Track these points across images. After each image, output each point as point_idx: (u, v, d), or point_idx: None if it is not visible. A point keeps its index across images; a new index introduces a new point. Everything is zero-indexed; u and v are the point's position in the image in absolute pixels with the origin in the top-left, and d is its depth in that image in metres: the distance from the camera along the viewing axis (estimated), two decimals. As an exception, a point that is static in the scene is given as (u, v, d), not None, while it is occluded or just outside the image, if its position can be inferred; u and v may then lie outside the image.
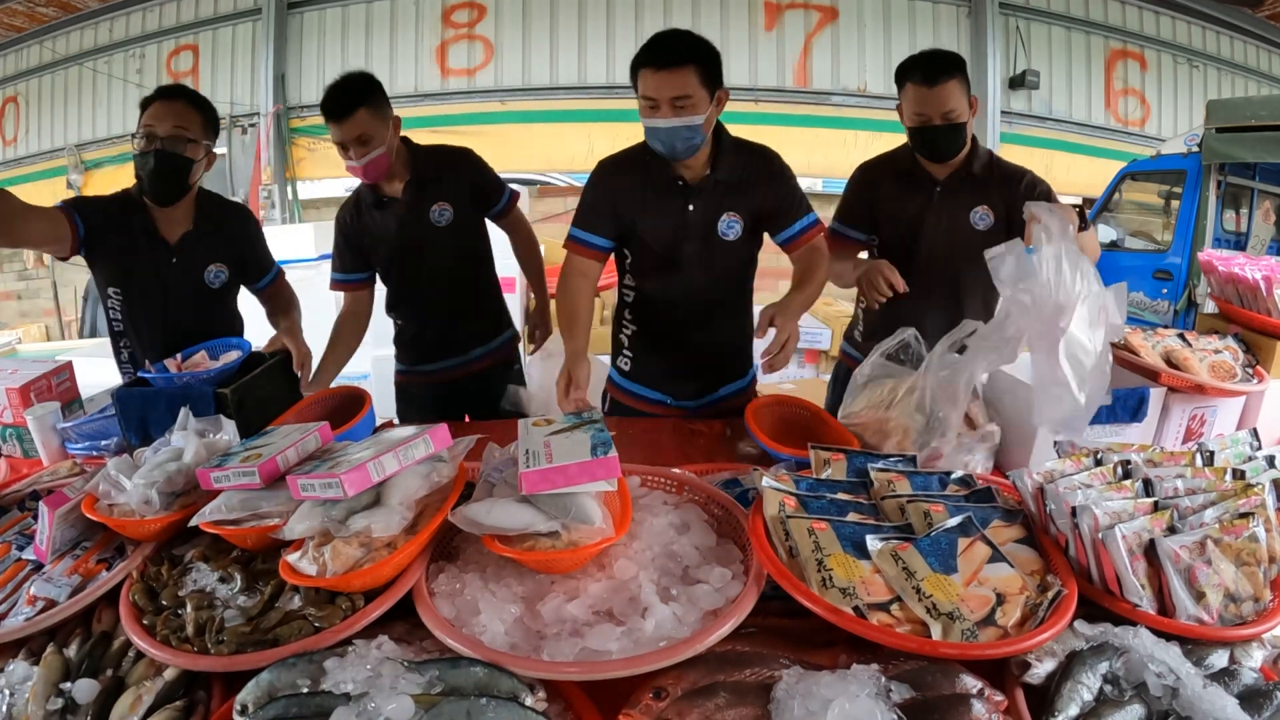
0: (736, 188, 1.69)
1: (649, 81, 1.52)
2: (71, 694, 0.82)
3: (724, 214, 1.69)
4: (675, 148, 1.57)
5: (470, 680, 0.77)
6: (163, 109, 1.60)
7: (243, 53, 5.77)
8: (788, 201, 1.73)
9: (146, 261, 1.65)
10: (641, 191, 1.69)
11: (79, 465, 1.40)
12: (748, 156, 1.71)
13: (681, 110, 1.52)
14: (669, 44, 1.53)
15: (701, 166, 1.67)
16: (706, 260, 1.71)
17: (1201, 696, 0.75)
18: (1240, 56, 6.01)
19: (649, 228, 1.72)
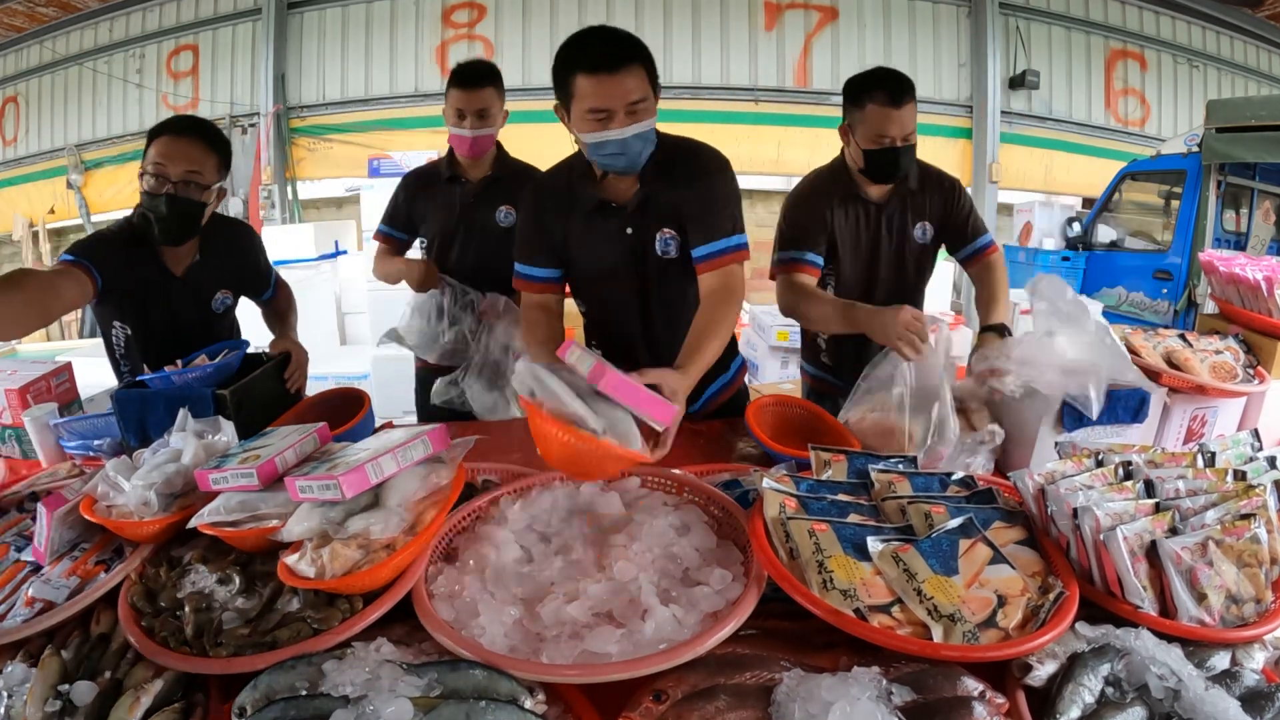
0: (667, 196, 1.48)
1: (598, 89, 1.30)
2: (69, 696, 0.82)
3: (659, 230, 1.50)
4: (636, 161, 1.39)
5: (469, 683, 0.77)
6: (174, 148, 1.51)
7: (243, 53, 5.77)
8: (708, 208, 1.47)
9: (156, 295, 1.61)
10: (572, 219, 1.52)
11: (78, 467, 1.40)
12: (678, 159, 1.49)
13: (636, 116, 1.32)
14: (612, 43, 1.33)
15: (629, 184, 1.48)
16: (651, 284, 1.55)
17: (1203, 698, 0.75)
18: (1240, 56, 6.01)
19: (586, 258, 1.56)
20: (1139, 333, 1.58)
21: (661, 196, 1.49)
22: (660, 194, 1.48)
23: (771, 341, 4.06)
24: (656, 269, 1.54)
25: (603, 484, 1.15)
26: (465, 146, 1.92)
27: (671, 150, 1.49)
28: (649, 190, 1.48)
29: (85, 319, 5.59)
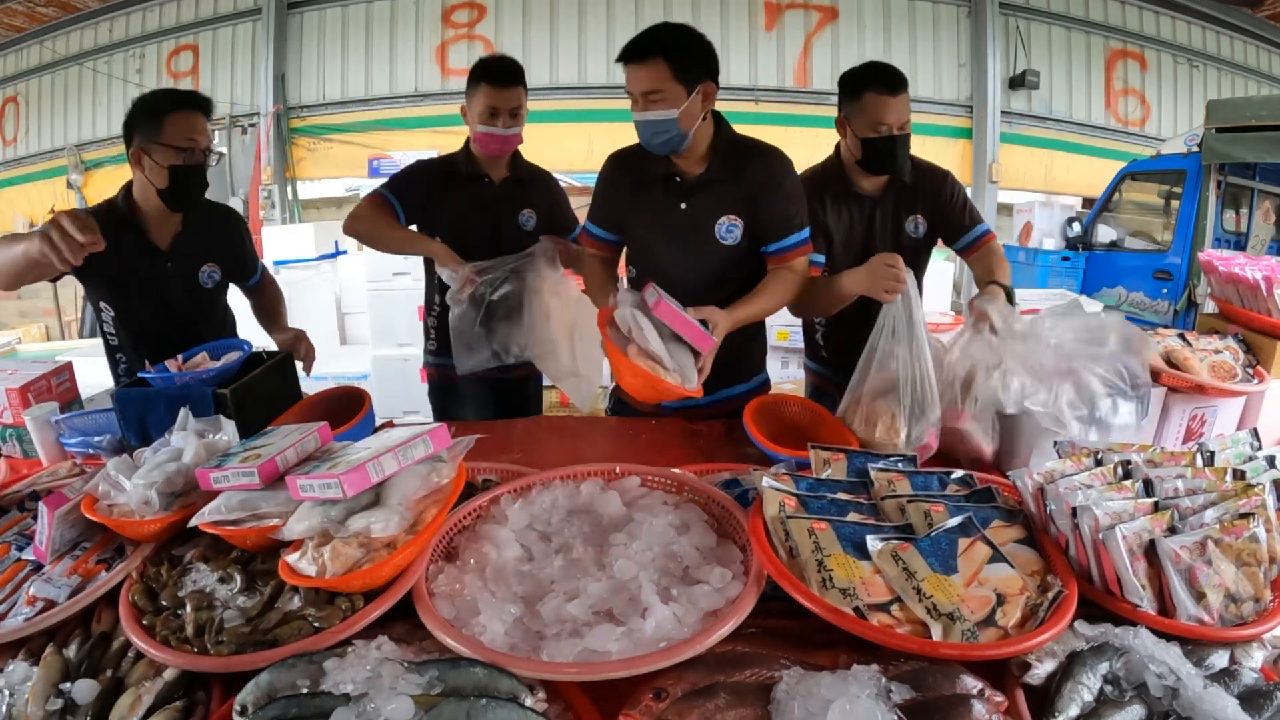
0: (734, 189, 1.62)
1: (626, 76, 1.52)
2: (71, 694, 0.82)
3: (723, 216, 1.63)
4: (653, 143, 1.56)
5: (470, 681, 0.77)
6: (193, 121, 1.60)
7: (243, 53, 5.77)
8: (785, 211, 1.64)
9: (142, 268, 1.64)
10: (635, 186, 1.68)
11: (78, 466, 1.40)
12: (750, 157, 1.65)
13: (653, 104, 1.50)
14: (641, 38, 1.51)
15: (696, 164, 1.63)
16: (701, 261, 1.67)
17: (1202, 697, 0.75)
18: (1240, 56, 6.02)
19: (639, 223, 1.71)
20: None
21: (728, 185, 1.62)
22: (727, 182, 1.62)
23: (772, 341, 4.06)
24: (711, 249, 1.65)
25: (603, 483, 1.16)
26: (496, 145, 1.89)
27: (746, 148, 1.66)
28: (713, 175, 1.62)
29: (85, 319, 5.59)
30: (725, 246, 1.65)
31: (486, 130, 1.87)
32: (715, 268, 1.67)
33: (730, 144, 1.64)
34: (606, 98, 5.38)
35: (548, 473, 1.19)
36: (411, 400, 4.00)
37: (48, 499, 1.05)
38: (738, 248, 1.66)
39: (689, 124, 1.53)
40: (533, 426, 1.73)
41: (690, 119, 1.53)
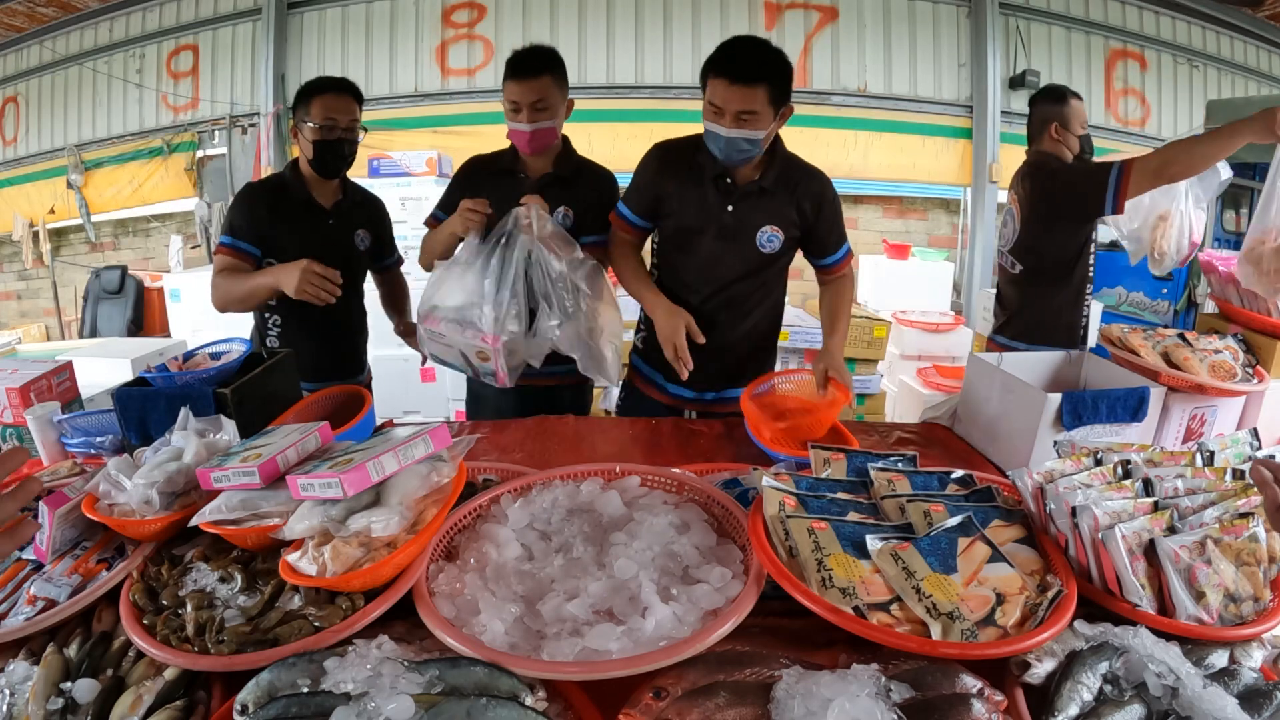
0: (782, 201, 1.69)
1: (718, 89, 1.52)
2: (72, 694, 0.82)
3: (766, 226, 1.70)
4: (731, 157, 1.59)
5: (470, 680, 0.77)
6: (339, 102, 1.85)
7: (243, 53, 5.76)
8: (833, 229, 1.76)
9: (307, 221, 1.91)
10: (684, 179, 1.70)
11: (79, 465, 1.40)
12: (800, 175, 1.72)
13: (744, 124, 1.52)
14: (748, 57, 1.51)
15: (751, 171, 1.67)
16: (735, 263, 1.72)
17: (1201, 696, 0.75)
18: (1240, 56, 6.01)
19: (682, 216, 1.73)
20: (1138, 332, 1.59)
21: (778, 197, 1.69)
22: (778, 194, 1.69)
23: (771, 341, 4.05)
24: (748, 255, 1.72)
25: (603, 483, 1.16)
26: (524, 141, 1.82)
27: (799, 167, 1.73)
28: (765, 186, 1.68)
29: (85, 320, 5.59)
30: (762, 254, 1.72)
31: (512, 126, 1.82)
32: (747, 271, 1.74)
33: (784, 160, 1.71)
34: (606, 98, 5.38)
35: (548, 472, 1.20)
36: (411, 400, 4.01)
37: (48, 498, 1.05)
38: (773, 256, 1.74)
39: (767, 144, 1.60)
40: (533, 426, 1.73)
41: (769, 140, 1.61)
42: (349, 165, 1.93)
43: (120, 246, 6.44)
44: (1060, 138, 2.19)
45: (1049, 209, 2.14)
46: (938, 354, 4.50)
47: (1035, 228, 2.18)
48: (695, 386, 1.82)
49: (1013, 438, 1.48)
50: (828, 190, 1.74)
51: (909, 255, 5.42)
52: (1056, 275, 2.20)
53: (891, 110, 5.53)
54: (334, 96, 1.85)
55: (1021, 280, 2.27)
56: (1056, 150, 2.20)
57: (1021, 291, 2.29)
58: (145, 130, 5.88)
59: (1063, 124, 2.18)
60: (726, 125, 1.53)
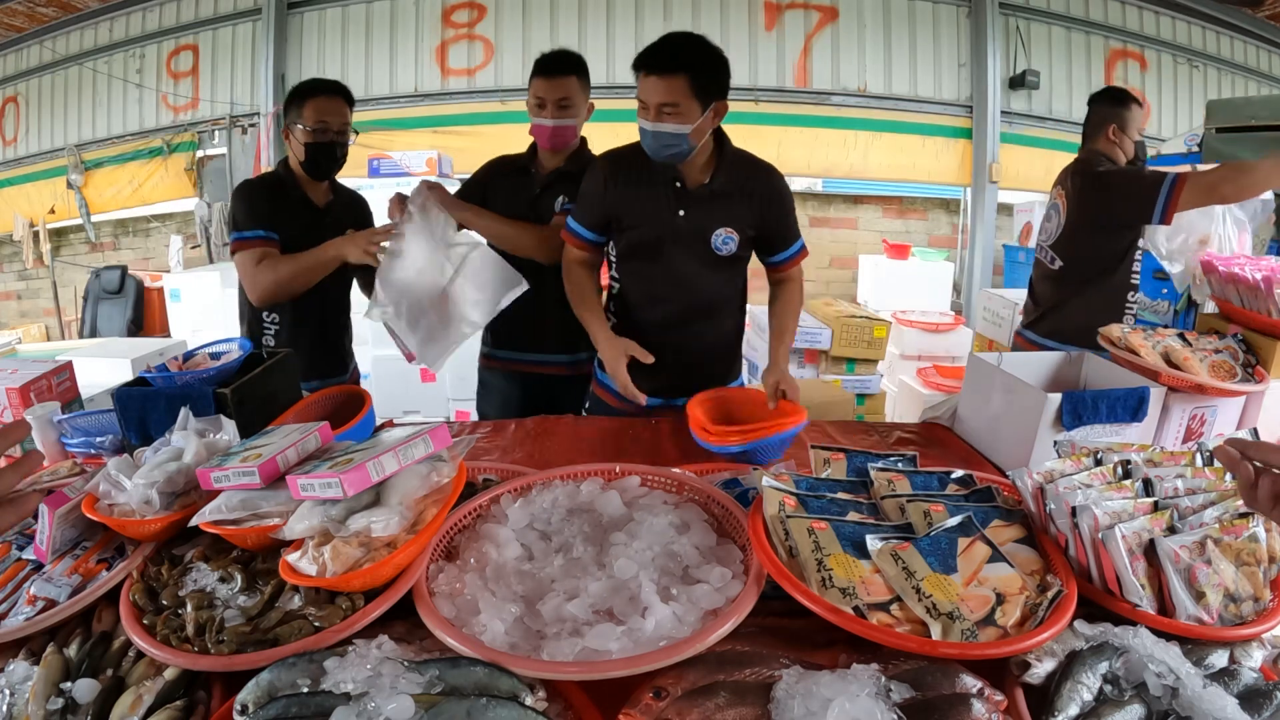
0: (734, 201, 1.66)
1: (642, 84, 1.52)
2: (72, 694, 0.82)
3: (719, 228, 1.67)
4: (659, 153, 1.56)
5: (470, 680, 0.77)
6: (331, 105, 1.89)
7: (243, 53, 5.76)
8: (784, 224, 1.73)
9: (303, 219, 1.93)
10: (634, 188, 1.68)
11: (79, 465, 1.40)
12: (751, 172, 1.69)
13: (667, 117, 1.50)
14: (666, 49, 1.51)
15: (699, 173, 1.65)
16: (693, 268, 1.69)
17: (1201, 696, 0.75)
18: (1240, 56, 6.01)
19: (635, 226, 1.71)
20: (1138, 332, 1.59)
21: (730, 198, 1.66)
22: (729, 195, 1.66)
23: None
24: (704, 258, 1.69)
25: (603, 483, 1.16)
26: (545, 136, 1.89)
27: (748, 163, 1.70)
28: (716, 187, 1.65)
29: (85, 320, 5.59)
30: (718, 257, 1.69)
31: (536, 121, 1.88)
32: (705, 275, 1.71)
33: (734, 158, 1.67)
34: (606, 98, 5.36)
35: (548, 472, 1.20)
36: (411, 400, 4.01)
37: (48, 498, 1.04)
38: (730, 258, 1.70)
39: (698, 139, 1.56)
40: (533, 427, 1.73)
41: (700, 135, 1.56)
42: (340, 167, 1.96)
43: (120, 246, 6.45)
44: (1117, 140, 2.19)
45: (1098, 209, 2.13)
46: (938, 354, 4.50)
47: (1081, 226, 2.18)
48: (664, 394, 1.79)
49: (1013, 438, 1.48)
50: (779, 185, 1.71)
51: (909, 255, 5.42)
52: (1096, 275, 2.19)
53: (891, 110, 5.53)
54: (326, 99, 1.88)
55: (1059, 277, 2.26)
56: (1111, 152, 2.20)
57: (1057, 289, 2.28)
58: (145, 130, 5.88)
59: (1121, 127, 2.19)
60: (651, 119, 1.51)
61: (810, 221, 5.99)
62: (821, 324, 4.08)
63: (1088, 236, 2.18)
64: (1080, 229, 2.19)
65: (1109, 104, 2.24)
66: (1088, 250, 2.19)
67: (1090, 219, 2.16)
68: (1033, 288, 2.43)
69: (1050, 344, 2.24)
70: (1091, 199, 2.15)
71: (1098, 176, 2.15)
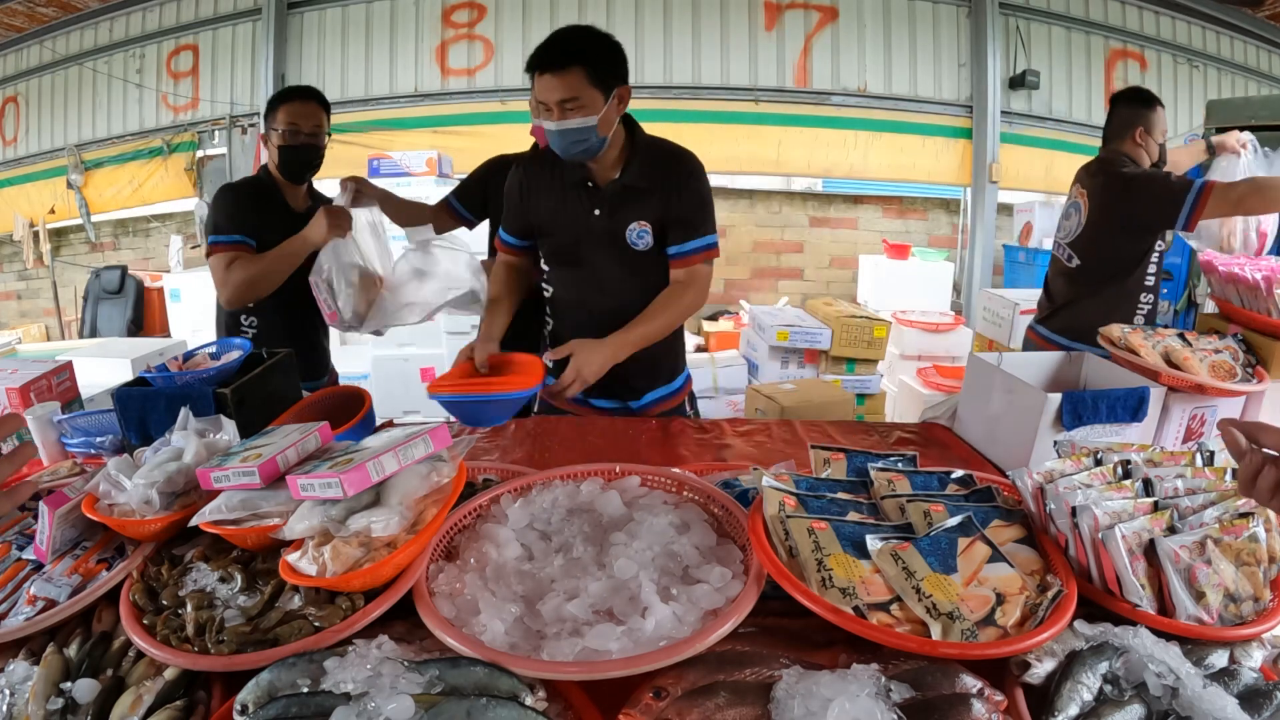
0: (646, 193, 1.61)
1: (538, 85, 1.49)
2: (72, 694, 0.82)
3: (633, 222, 1.62)
4: (570, 151, 1.53)
5: (470, 680, 0.77)
6: (303, 109, 1.95)
7: (243, 53, 5.76)
8: (691, 213, 1.63)
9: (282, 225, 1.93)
10: (549, 192, 1.66)
11: (79, 465, 1.40)
12: (662, 159, 1.62)
13: (570, 112, 1.47)
14: (557, 45, 1.48)
15: (609, 169, 1.61)
16: (614, 268, 1.66)
17: (1201, 696, 0.75)
18: (1240, 56, 6.01)
19: (553, 228, 1.69)
20: (1138, 332, 1.59)
21: (640, 191, 1.60)
22: (639, 188, 1.60)
23: (772, 341, 4.06)
24: (623, 256, 1.64)
25: (603, 483, 1.16)
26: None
27: (660, 151, 1.63)
28: (628, 181, 1.60)
29: (85, 320, 5.59)
30: (636, 251, 1.64)
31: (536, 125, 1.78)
32: (630, 274, 1.67)
33: (644, 148, 1.62)
34: (606, 98, 5.39)
35: (548, 472, 1.20)
36: (411, 400, 4.01)
37: (48, 498, 1.04)
38: (650, 253, 1.65)
39: (607, 130, 1.53)
40: (533, 426, 1.73)
41: (608, 125, 1.52)
42: (314, 171, 2.03)
43: (120, 246, 6.45)
44: (1142, 142, 2.18)
45: (1121, 211, 2.13)
46: (938, 354, 4.50)
47: (1103, 227, 2.17)
48: (620, 396, 1.78)
49: (1013, 438, 1.48)
50: (690, 171, 1.63)
51: (909, 255, 5.42)
52: (1113, 276, 2.19)
53: (891, 110, 5.53)
54: (299, 104, 1.95)
55: (1075, 275, 2.27)
56: (1135, 154, 2.19)
57: (1073, 287, 2.29)
58: (145, 130, 5.88)
59: (1148, 129, 2.17)
60: (555, 119, 1.48)
61: (810, 221, 5.99)
62: (821, 324, 4.09)
63: (1109, 237, 2.18)
64: (1102, 230, 2.18)
65: (1135, 105, 2.22)
66: (1108, 251, 2.19)
67: (1113, 220, 2.15)
68: (1047, 284, 2.43)
69: (1062, 341, 2.25)
70: (1116, 200, 2.14)
71: (1123, 178, 2.14)
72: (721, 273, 5.96)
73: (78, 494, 1.08)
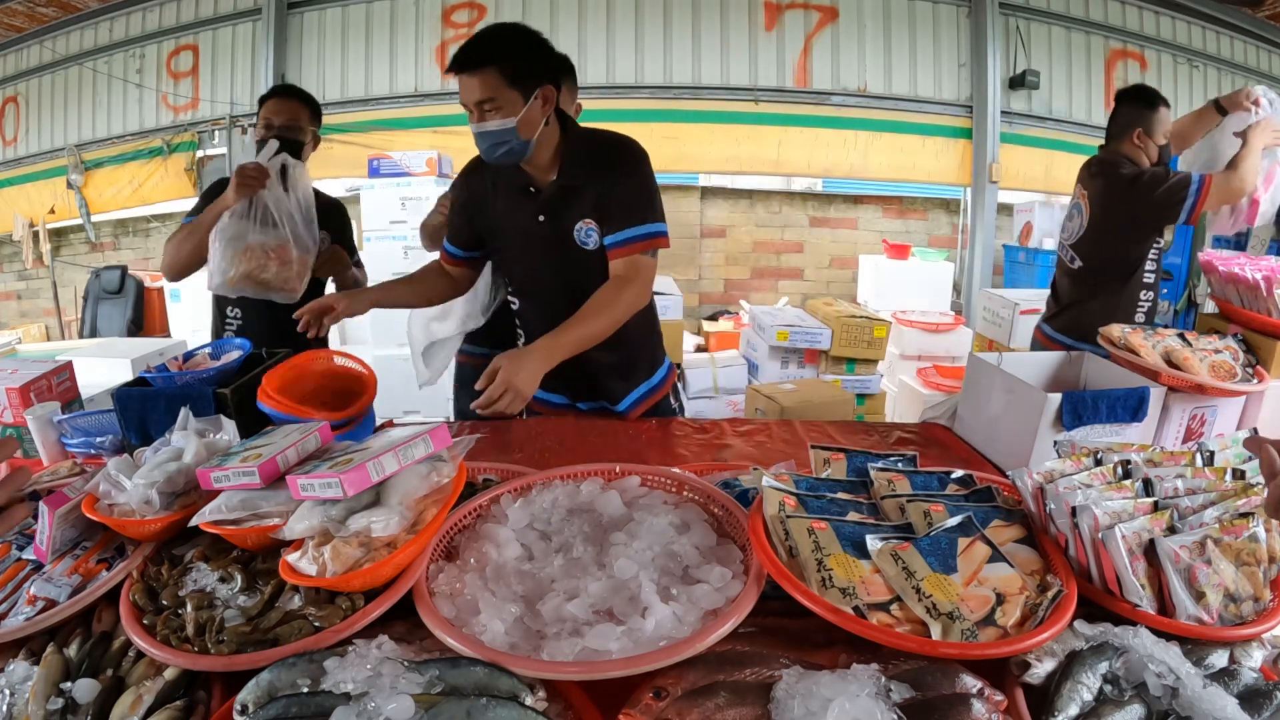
0: (585, 189, 1.54)
1: (459, 87, 1.46)
2: (72, 694, 0.82)
3: (579, 222, 1.55)
4: (493, 155, 1.48)
5: (470, 680, 0.77)
6: (279, 104, 1.99)
7: (243, 53, 5.76)
8: (629, 198, 1.53)
9: None
10: (494, 198, 1.62)
11: (79, 465, 1.40)
12: (597, 150, 1.55)
13: (489, 114, 1.44)
14: (471, 45, 1.44)
15: (546, 170, 1.55)
16: (570, 271, 1.59)
17: (1201, 696, 0.75)
18: (1240, 56, 6.01)
19: (501, 238, 1.65)
20: (1138, 332, 1.59)
21: (582, 188, 1.55)
22: (581, 186, 1.55)
23: (771, 341, 4.06)
24: (574, 258, 1.58)
25: (603, 483, 1.16)
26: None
27: (592, 144, 1.56)
28: (567, 180, 1.54)
29: (85, 320, 5.59)
30: (587, 250, 1.57)
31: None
32: (583, 273, 1.58)
33: (581, 143, 1.55)
34: (606, 97, 5.38)
35: (548, 472, 1.20)
36: (411, 400, 4.00)
37: (48, 498, 1.05)
38: (601, 251, 1.57)
39: (529, 131, 1.46)
40: (533, 426, 1.73)
41: (530, 126, 1.46)
42: None
43: (120, 246, 6.45)
44: (1142, 144, 2.19)
45: (1124, 212, 2.15)
46: (938, 354, 4.50)
47: (1105, 228, 2.19)
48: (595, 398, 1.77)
49: (1013, 438, 1.48)
50: (627, 157, 1.55)
51: (909, 255, 5.42)
52: (1114, 276, 2.21)
53: (891, 110, 5.53)
54: (276, 100, 2.00)
55: (1078, 276, 2.29)
56: (1135, 155, 2.20)
57: (1076, 287, 2.31)
58: (145, 130, 5.88)
59: (1147, 130, 2.18)
60: (476, 121, 1.45)
61: (810, 221, 5.99)
62: (821, 324, 4.09)
63: (1111, 238, 2.19)
64: (1105, 230, 2.20)
65: (1138, 105, 2.22)
66: (1110, 251, 2.21)
67: (1116, 221, 2.17)
68: (1054, 284, 2.46)
69: (1067, 340, 2.27)
70: (1119, 202, 2.15)
71: (1124, 179, 2.15)
72: (721, 273, 5.97)
73: (78, 494, 1.08)
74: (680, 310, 4.08)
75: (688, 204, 5.76)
